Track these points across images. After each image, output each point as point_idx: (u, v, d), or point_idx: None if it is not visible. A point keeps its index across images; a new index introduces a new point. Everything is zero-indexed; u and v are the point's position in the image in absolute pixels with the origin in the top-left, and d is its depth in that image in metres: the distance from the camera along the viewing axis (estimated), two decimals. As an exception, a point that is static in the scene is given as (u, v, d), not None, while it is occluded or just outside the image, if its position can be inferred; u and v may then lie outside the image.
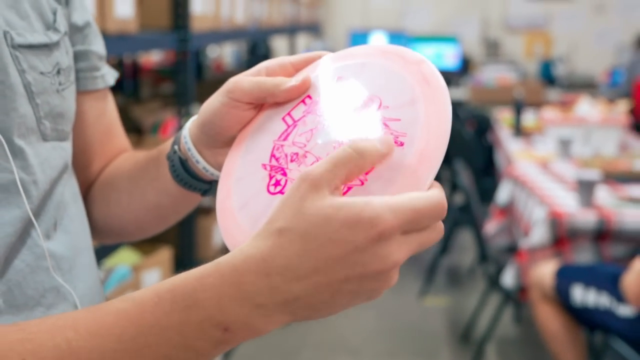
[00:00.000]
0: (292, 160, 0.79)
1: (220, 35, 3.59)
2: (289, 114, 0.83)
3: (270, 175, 0.80)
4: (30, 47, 0.89)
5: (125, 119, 3.62)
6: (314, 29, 6.67)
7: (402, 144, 0.74)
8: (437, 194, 0.67)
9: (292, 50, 6.15)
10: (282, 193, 0.77)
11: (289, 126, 0.82)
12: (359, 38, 8.97)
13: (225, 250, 0.75)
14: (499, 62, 8.88)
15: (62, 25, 0.96)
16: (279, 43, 8.19)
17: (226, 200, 0.83)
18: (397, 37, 8.88)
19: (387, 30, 9.05)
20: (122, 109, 3.79)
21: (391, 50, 0.83)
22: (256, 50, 7.25)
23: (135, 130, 3.45)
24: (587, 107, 5.06)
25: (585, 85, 8.38)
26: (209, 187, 0.98)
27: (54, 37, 0.93)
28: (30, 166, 0.86)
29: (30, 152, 0.87)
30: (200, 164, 0.93)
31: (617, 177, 3.74)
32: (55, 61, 0.93)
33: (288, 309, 0.65)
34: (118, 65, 4.61)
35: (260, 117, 0.86)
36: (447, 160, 5.24)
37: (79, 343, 0.63)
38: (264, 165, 0.81)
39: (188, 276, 0.66)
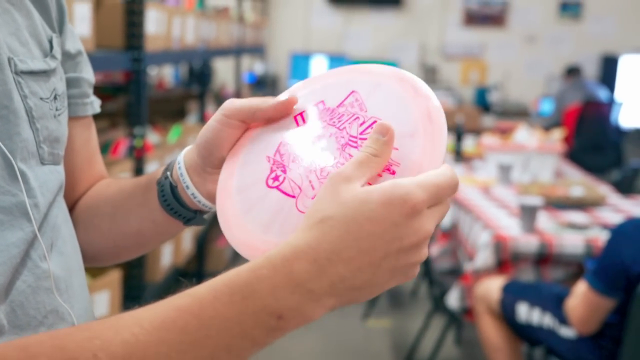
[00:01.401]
0: (293, 161, 0.83)
1: (171, 56, 3.58)
2: (301, 114, 0.87)
3: (271, 168, 0.84)
4: (31, 73, 0.90)
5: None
6: (258, 50, 6.69)
7: (393, 173, 0.78)
8: (451, 171, 0.74)
9: (237, 70, 6.16)
10: (279, 189, 0.82)
11: (298, 125, 0.87)
12: (300, 60, 9.01)
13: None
14: (437, 87, 8.99)
15: (57, 52, 0.98)
16: (224, 64, 8.19)
17: (228, 180, 0.87)
18: (338, 60, 8.94)
19: (327, 53, 9.11)
20: (69, 127, 3.79)
21: (407, 78, 0.85)
22: (194, 69, 7.26)
23: None
24: (525, 135, 5.16)
25: (518, 113, 8.57)
26: (194, 215, 1.00)
27: (52, 64, 0.95)
28: (32, 189, 0.87)
29: (31, 176, 0.88)
30: (190, 189, 0.96)
31: (556, 203, 3.83)
32: (52, 87, 0.94)
33: (335, 291, 0.69)
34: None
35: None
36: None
37: (146, 337, 0.65)
38: (268, 158, 0.85)
39: (241, 270, 0.70)
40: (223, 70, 8.66)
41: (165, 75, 8.16)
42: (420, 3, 9.24)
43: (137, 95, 3.07)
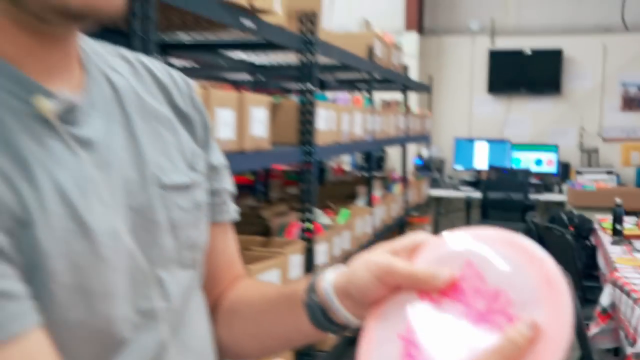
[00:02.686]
0: (426, 341, 0.78)
1: (340, 148, 3.64)
2: (428, 293, 0.82)
3: (405, 349, 0.79)
4: (175, 187, 0.92)
5: (256, 220, 3.72)
6: (423, 138, 6.69)
7: None
8: None
9: (403, 156, 6.17)
10: None
11: (423, 297, 0.82)
12: (463, 145, 8.94)
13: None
14: (597, 169, 8.66)
15: (201, 166, 1.00)
16: (391, 150, 8.24)
17: (367, 344, 0.84)
18: (499, 144, 8.81)
19: (489, 138, 8.99)
20: (254, 210, 3.88)
21: (517, 242, 0.80)
22: (371, 155, 7.33)
23: (264, 230, 3.49)
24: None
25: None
26: (343, 329, 0.97)
27: (195, 177, 0.97)
28: (169, 294, 0.88)
29: (171, 281, 0.89)
30: (341, 313, 0.92)
31: None
32: (194, 198, 0.96)
33: None
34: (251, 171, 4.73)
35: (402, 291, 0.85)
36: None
37: None
38: (400, 336, 0.80)
39: None
40: (394, 155, 8.71)
41: (343, 159, 8.31)
42: (579, 90, 8.97)
43: (308, 184, 3.17)
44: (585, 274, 5.09)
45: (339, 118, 3.55)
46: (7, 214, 0.70)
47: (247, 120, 2.43)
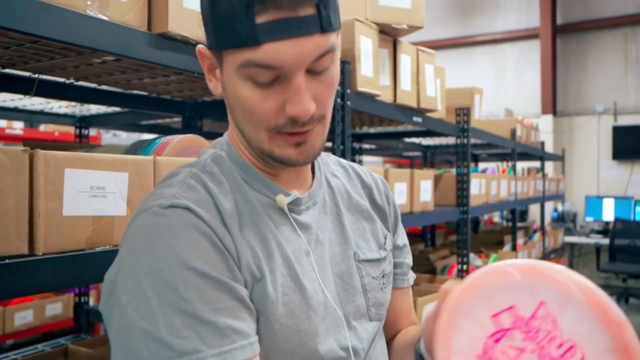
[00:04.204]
0: None
1: (488, 207, 3.55)
2: (498, 315, 0.66)
3: None
4: (368, 261, 0.92)
5: (424, 261, 3.67)
6: (558, 196, 6.35)
7: None
8: None
9: (542, 211, 5.87)
10: None
11: (498, 330, 0.65)
12: (593, 201, 8.34)
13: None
14: None
15: (389, 246, 0.99)
16: (533, 206, 7.86)
17: None
18: (624, 201, 8.14)
19: (614, 196, 8.34)
20: (422, 254, 3.85)
21: (595, 297, 0.65)
22: (515, 211, 7.04)
23: (430, 269, 3.44)
24: None
25: None
26: None
27: (383, 254, 0.96)
28: (360, 338, 0.88)
29: (361, 329, 0.89)
30: None
31: None
32: (381, 269, 0.95)
33: None
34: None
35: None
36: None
37: None
38: (478, 356, 0.64)
39: None
40: (535, 209, 8.32)
41: (494, 213, 8.03)
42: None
43: (464, 235, 3.07)
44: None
45: (488, 184, 3.48)
46: (249, 273, 0.75)
47: (418, 190, 2.45)
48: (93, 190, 1.01)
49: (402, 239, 1.05)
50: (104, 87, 1.79)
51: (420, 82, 2.41)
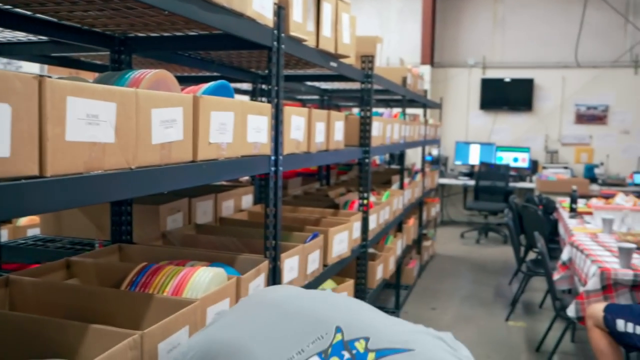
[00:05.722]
0: None
1: (384, 148, 3.74)
2: None
3: None
4: None
5: (324, 198, 3.84)
6: (435, 141, 6.77)
7: None
8: None
9: (422, 154, 6.25)
10: None
11: None
12: (462, 146, 9.00)
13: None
14: (558, 165, 8.68)
15: None
16: (413, 150, 8.33)
17: None
18: (488, 146, 8.86)
19: (480, 142, 9.04)
20: (320, 191, 4.03)
21: None
22: (402, 153, 7.39)
23: (331, 205, 3.60)
24: (622, 199, 4.91)
25: (617, 184, 8.05)
26: None
27: None
28: None
29: None
30: None
31: (646, 247, 3.63)
32: None
33: None
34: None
35: None
36: (525, 230, 5.20)
37: None
38: None
39: None
40: (412, 153, 8.82)
41: (376, 157, 8.41)
42: (545, 108, 8.98)
43: (366, 173, 3.26)
44: (550, 239, 5.20)
45: (385, 128, 3.68)
46: None
47: (333, 130, 2.59)
48: (89, 118, 1.05)
49: None
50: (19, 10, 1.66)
51: (338, 29, 2.51)
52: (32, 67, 3.87)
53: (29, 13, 1.73)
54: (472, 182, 8.35)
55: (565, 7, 8.77)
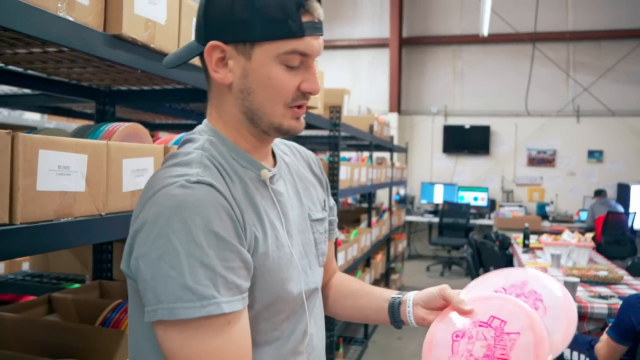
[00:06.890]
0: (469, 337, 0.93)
1: (353, 190, 3.73)
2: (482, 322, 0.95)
3: (454, 339, 0.93)
4: (317, 220, 1.01)
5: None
6: (402, 182, 6.81)
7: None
8: None
9: (390, 194, 6.24)
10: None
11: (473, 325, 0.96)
12: (427, 187, 9.06)
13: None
14: (513, 203, 8.77)
15: (327, 207, 1.07)
16: (379, 191, 8.36)
17: (430, 341, 0.96)
18: (450, 187, 8.93)
19: (443, 182, 9.11)
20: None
21: (538, 331, 0.92)
22: (370, 194, 7.39)
23: None
24: (569, 235, 4.95)
25: (565, 220, 8.15)
26: (402, 324, 1.07)
27: (325, 214, 1.05)
28: (316, 280, 0.99)
29: (316, 273, 0.99)
30: (409, 315, 1.04)
31: (589, 281, 3.66)
32: (325, 226, 1.04)
33: None
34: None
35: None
36: (483, 264, 5.20)
37: None
38: (452, 334, 0.95)
39: None
40: (381, 193, 8.86)
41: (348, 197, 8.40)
42: (501, 152, 9.12)
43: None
44: (505, 272, 5.19)
45: (352, 171, 3.68)
46: (251, 236, 0.83)
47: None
48: (60, 169, 1.04)
49: (331, 201, 1.13)
50: (12, 68, 1.68)
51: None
52: (33, 115, 3.86)
53: (20, 70, 1.75)
54: (436, 219, 8.38)
55: (515, 63, 9.01)
